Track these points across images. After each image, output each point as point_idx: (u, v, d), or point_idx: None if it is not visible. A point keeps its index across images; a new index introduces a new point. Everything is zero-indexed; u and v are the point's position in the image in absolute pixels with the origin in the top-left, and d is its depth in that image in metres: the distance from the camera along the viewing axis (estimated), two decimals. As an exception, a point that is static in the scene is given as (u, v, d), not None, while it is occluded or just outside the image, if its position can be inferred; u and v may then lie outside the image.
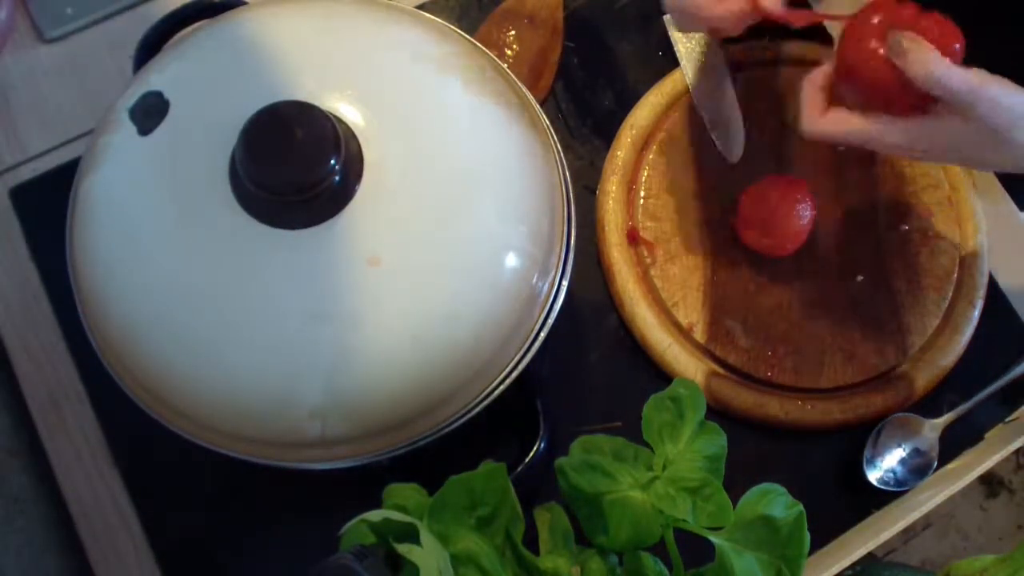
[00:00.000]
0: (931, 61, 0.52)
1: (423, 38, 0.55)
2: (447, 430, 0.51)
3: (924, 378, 0.68)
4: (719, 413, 0.67)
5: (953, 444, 0.68)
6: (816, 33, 0.78)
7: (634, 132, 0.73)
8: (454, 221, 0.50)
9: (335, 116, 0.49)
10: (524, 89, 0.57)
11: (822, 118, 0.57)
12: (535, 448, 0.57)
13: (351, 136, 0.49)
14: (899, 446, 0.67)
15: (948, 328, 0.70)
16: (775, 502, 0.52)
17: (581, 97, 0.76)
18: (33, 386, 0.67)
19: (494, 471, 0.50)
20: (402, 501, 0.51)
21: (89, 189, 0.52)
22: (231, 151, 0.49)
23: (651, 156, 0.72)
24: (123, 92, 0.54)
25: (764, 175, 0.68)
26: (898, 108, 0.55)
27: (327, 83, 0.51)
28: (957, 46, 0.54)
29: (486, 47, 0.57)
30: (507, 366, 0.52)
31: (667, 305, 0.69)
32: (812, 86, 0.59)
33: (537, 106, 0.57)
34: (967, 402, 0.69)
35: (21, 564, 0.61)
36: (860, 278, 0.70)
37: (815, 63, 0.60)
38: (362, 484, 0.53)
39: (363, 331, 0.48)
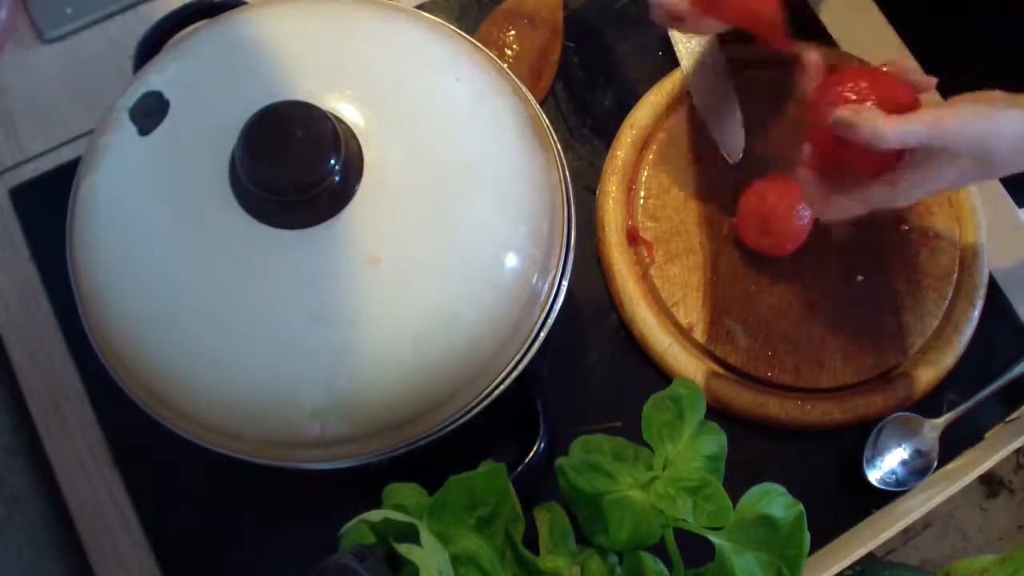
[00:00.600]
0: (875, 120, 0.52)
1: (423, 38, 0.55)
2: (447, 430, 0.51)
3: (924, 378, 0.68)
4: (719, 413, 0.67)
5: (953, 444, 0.68)
6: (817, 33, 0.78)
7: (634, 132, 0.73)
8: (454, 221, 0.50)
9: (335, 116, 0.49)
10: (524, 89, 0.57)
11: (833, 203, 0.57)
12: (535, 448, 0.57)
13: (351, 136, 0.49)
14: (899, 446, 0.67)
15: (948, 328, 0.69)
16: (775, 502, 0.52)
17: (581, 97, 0.76)
18: (33, 386, 0.67)
19: (494, 471, 0.50)
20: (402, 501, 0.51)
21: (89, 189, 0.52)
22: (231, 151, 0.49)
23: (651, 156, 0.72)
24: (123, 92, 0.54)
25: (764, 175, 0.68)
26: (873, 168, 0.56)
27: (327, 83, 0.51)
28: (913, 98, 0.55)
29: (486, 47, 0.57)
30: (507, 366, 0.52)
31: (667, 305, 0.69)
32: (809, 180, 0.58)
33: (537, 106, 0.57)
34: (967, 402, 0.68)
35: (21, 564, 0.61)
36: (860, 278, 0.70)
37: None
38: (362, 484, 0.53)
39: (363, 331, 0.48)
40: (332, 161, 0.47)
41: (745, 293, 0.69)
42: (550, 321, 0.53)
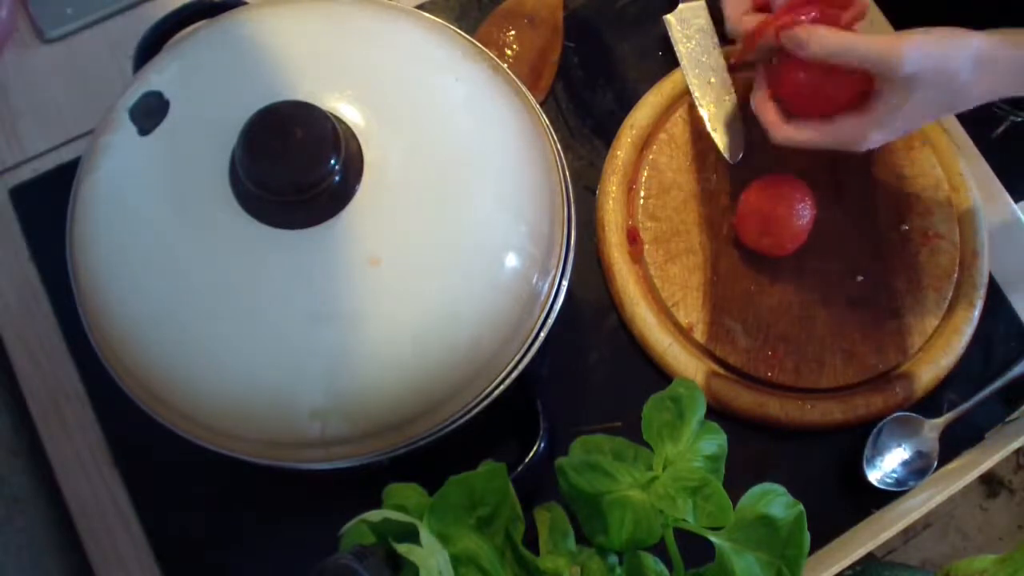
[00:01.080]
0: (825, 37, 0.54)
1: (423, 38, 0.55)
2: (447, 430, 0.51)
3: (924, 378, 0.68)
4: (719, 413, 0.67)
5: (953, 444, 0.68)
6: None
7: (634, 132, 0.73)
8: (454, 221, 0.50)
9: (335, 116, 0.49)
10: (524, 89, 0.57)
11: (785, 126, 0.60)
12: (535, 448, 0.57)
13: (351, 136, 0.49)
14: (899, 446, 0.67)
15: (948, 328, 0.69)
16: (775, 502, 0.52)
17: (581, 97, 0.76)
18: (33, 386, 0.67)
19: (494, 471, 0.50)
20: (402, 501, 0.50)
21: (89, 189, 0.52)
22: (231, 151, 0.49)
23: (651, 156, 0.72)
24: (123, 92, 0.54)
25: (764, 175, 0.68)
26: (836, 103, 0.59)
27: (327, 83, 0.51)
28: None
29: (486, 47, 0.57)
30: (507, 366, 0.52)
31: (667, 305, 0.69)
32: (763, 102, 0.62)
33: (537, 106, 0.57)
34: (967, 402, 0.69)
35: (21, 564, 0.61)
36: (860, 278, 0.70)
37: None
38: (362, 484, 0.53)
39: (363, 331, 0.48)
40: (332, 161, 0.47)
41: (745, 293, 0.69)
42: (550, 321, 0.53)
